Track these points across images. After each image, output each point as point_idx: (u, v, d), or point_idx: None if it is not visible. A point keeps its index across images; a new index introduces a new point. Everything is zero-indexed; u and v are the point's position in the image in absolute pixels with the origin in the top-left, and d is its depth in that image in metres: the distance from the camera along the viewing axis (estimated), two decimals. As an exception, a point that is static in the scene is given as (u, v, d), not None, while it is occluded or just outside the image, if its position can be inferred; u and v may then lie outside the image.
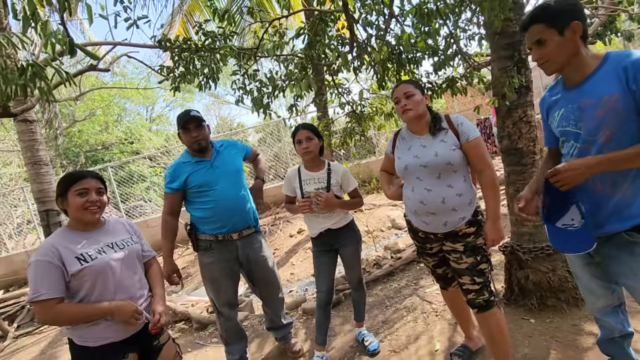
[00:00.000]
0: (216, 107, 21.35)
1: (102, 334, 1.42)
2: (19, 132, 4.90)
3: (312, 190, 2.16)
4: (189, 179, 2.15)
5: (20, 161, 11.24)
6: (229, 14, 2.33)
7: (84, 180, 1.47)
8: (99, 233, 1.53)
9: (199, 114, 2.20)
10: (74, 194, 1.45)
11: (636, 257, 1.22)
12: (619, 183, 1.21)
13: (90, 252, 1.44)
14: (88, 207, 1.46)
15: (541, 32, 1.22)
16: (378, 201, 6.70)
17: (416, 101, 1.69)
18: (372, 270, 3.74)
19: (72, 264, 1.38)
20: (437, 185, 1.67)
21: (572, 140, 1.30)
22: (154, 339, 1.59)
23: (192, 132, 2.15)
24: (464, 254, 1.69)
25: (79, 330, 1.42)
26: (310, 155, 2.17)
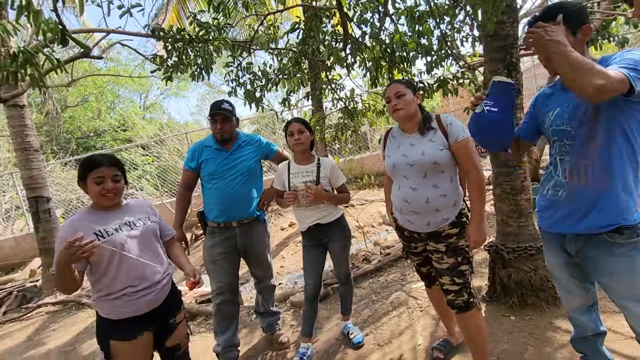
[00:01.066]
0: (211, 97, 21.13)
1: (121, 308, 1.53)
2: (9, 117, 4.83)
3: (300, 182, 2.18)
4: (203, 164, 2.30)
5: (9, 146, 11.04)
6: (224, 5, 2.32)
7: (100, 169, 1.55)
8: (118, 212, 1.63)
9: (230, 107, 2.30)
10: (92, 181, 1.55)
11: (615, 257, 1.27)
12: (597, 176, 1.25)
13: (108, 229, 1.54)
14: (104, 194, 1.56)
15: None
16: (370, 197, 6.75)
17: (406, 101, 1.71)
18: (361, 265, 3.79)
19: None
20: (422, 185, 1.69)
21: (565, 139, 1.34)
22: (170, 317, 1.68)
23: (218, 124, 2.27)
24: (445, 254, 1.72)
25: (102, 303, 1.54)
26: (302, 147, 2.20)
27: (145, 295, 1.57)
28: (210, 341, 2.89)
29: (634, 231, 1.25)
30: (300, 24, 2.43)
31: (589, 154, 1.27)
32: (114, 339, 1.54)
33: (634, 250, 1.25)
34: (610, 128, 1.22)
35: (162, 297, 1.64)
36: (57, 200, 8.66)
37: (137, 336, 1.56)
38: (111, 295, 1.53)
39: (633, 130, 1.21)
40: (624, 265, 1.26)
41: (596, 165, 1.26)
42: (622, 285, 1.29)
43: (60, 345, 3.50)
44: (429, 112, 1.79)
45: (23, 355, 3.44)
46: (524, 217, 2.39)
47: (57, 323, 4.09)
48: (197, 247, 6.08)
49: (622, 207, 1.24)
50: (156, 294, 1.61)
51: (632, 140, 1.22)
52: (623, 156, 1.23)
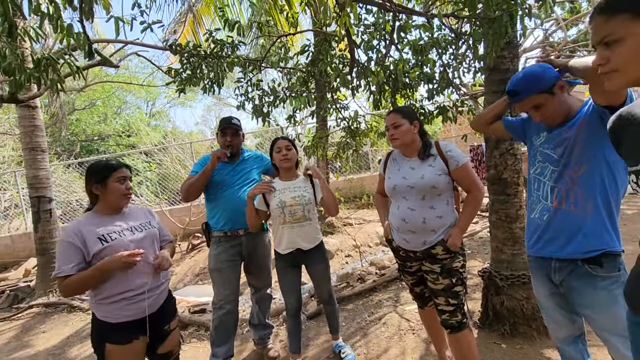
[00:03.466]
0: (217, 108, 21.50)
1: (119, 312, 1.56)
2: (20, 116, 4.93)
3: (289, 198, 2.19)
4: (213, 173, 2.37)
5: (15, 144, 11.16)
6: (239, 25, 2.44)
7: (122, 169, 1.65)
8: (121, 217, 1.68)
9: (238, 123, 2.43)
10: (115, 181, 1.62)
11: (597, 290, 1.31)
12: (582, 202, 1.32)
13: (111, 233, 1.59)
14: (126, 194, 1.64)
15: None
16: (368, 217, 6.79)
17: (402, 131, 1.81)
18: (356, 284, 3.80)
19: (94, 244, 1.53)
20: (420, 206, 1.78)
21: (551, 165, 1.41)
22: (164, 324, 1.71)
23: (227, 137, 2.39)
24: (440, 275, 1.78)
25: (101, 306, 1.57)
26: (289, 164, 2.26)
27: (144, 300, 1.60)
28: (201, 351, 2.88)
29: (614, 265, 1.30)
30: (310, 46, 2.55)
31: (573, 180, 1.34)
32: (109, 342, 1.56)
33: (615, 284, 1.29)
34: (595, 157, 1.29)
35: (159, 303, 1.68)
36: (56, 201, 8.70)
37: (133, 340, 1.58)
38: (111, 299, 1.55)
39: (616, 162, 1.28)
40: (605, 299, 1.30)
41: (580, 192, 1.32)
42: (604, 319, 1.32)
43: (49, 347, 3.47)
44: (429, 140, 1.88)
45: (10, 356, 3.40)
46: (518, 245, 2.43)
47: (48, 325, 4.06)
48: (193, 257, 6.07)
49: (606, 234, 1.30)
50: (154, 299, 1.65)
51: (615, 172, 1.29)
52: (606, 185, 1.29)
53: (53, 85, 2.02)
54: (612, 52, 0.82)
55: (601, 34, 0.84)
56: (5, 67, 1.64)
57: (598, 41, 0.86)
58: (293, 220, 2.20)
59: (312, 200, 2.24)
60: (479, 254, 4.36)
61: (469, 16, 1.99)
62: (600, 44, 0.85)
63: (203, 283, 5.10)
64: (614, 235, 1.31)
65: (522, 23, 2.14)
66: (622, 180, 1.30)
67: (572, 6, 5.09)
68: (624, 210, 5.24)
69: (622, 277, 1.30)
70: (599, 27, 0.85)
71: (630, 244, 3.87)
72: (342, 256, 5.35)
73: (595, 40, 0.87)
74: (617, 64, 0.82)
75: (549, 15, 4.02)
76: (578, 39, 4.79)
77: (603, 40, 0.84)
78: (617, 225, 1.32)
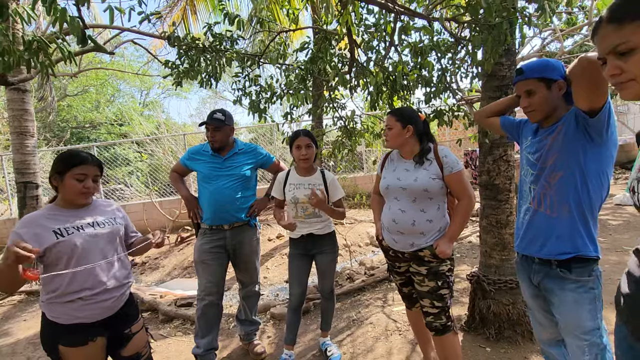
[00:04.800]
0: (212, 102, 21.28)
1: (73, 312, 1.44)
2: (9, 100, 4.81)
3: (302, 195, 2.22)
4: (199, 166, 2.42)
5: (3, 128, 10.90)
6: (239, 19, 2.41)
7: (86, 166, 1.49)
8: (83, 211, 1.56)
9: (222, 117, 2.37)
10: (72, 177, 1.48)
11: (565, 292, 1.37)
12: (556, 206, 1.38)
13: (68, 227, 1.46)
14: (84, 193, 1.50)
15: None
16: (360, 216, 6.80)
17: (392, 134, 1.84)
18: (345, 283, 3.81)
19: (47, 238, 1.41)
20: (411, 208, 1.79)
21: (532, 169, 1.47)
22: (125, 327, 1.62)
23: (210, 132, 2.36)
24: (426, 277, 1.79)
25: (52, 306, 1.45)
26: (308, 163, 2.26)
27: (101, 301, 1.49)
28: (185, 345, 2.86)
29: (585, 270, 1.34)
30: (310, 44, 2.53)
31: (550, 185, 1.40)
32: (62, 344, 1.44)
33: (582, 288, 1.34)
34: (569, 165, 1.34)
35: (118, 306, 1.57)
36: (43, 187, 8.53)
37: (89, 342, 1.47)
38: (65, 298, 1.44)
39: (590, 171, 1.33)
40: (571, 301, 1.35)
41: (556, 196, 1.38)
42: (567, 320, 1.38)
43: (29, 336, 3.40)
44: (427, 144, 1.87)
45: (-11, 343, 3.33)
46: (507, 251, 2.46)
47: (29, 313, 3.98)
48: (182, 250, 6.02)
49: (579, 238, 1.35)
50: (113, 301, 1.54)
51: (588, 180, 1.33)
52: (579, 192, 1.34)
53: (43, 69, 1.97)
54: (627, 61, 0.79)
55: (612, 43, 0.80)
56: (-5, 48, 1.59)
57: (608, 50, 0.82)
58: (305, 215, 2.26)
59: (325, 199, 2.23)
60: (468, 258, 4.40)
61: (470, 21, 1.99)
62: (611, 54, 0.81)
63: (191, 277, 5.06)
64: (587, 241, 1.35)
65: (522, 31, 2.16)
66: (594, 189, 1.34)
67: (568, 17, 5.16)
68: (609, 220, 5.34)
69: (592, 283, 1.35)
70: (609, 36, 0.81)
71: (615, 254, 3.95)
72: (332, 255, 5.35)
73: (604, 49, 0.83)
74: (636, 73, 0.78)
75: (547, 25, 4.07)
76: (573, 50, 4.86)
77: (615, 50, 0.80)
78: (592, 232, 1.37)
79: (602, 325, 1.36)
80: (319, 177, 2.30)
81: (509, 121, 1.73)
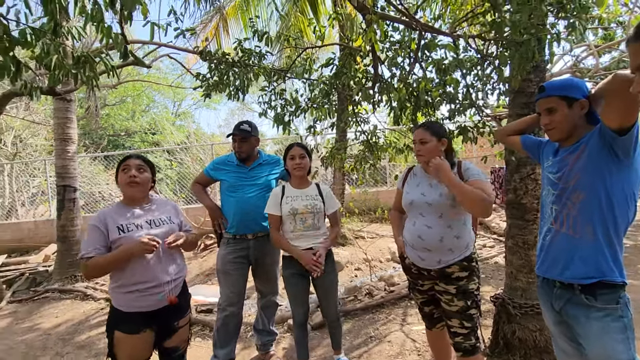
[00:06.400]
0: (240, 113, 21.88)
1: (133, 302, 1.63)
2: (56, 108, 5.19)
3: (301, 205, 2.19)
4: (225, 175, 2.48)
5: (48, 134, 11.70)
6: (267, 35, 2.51)
7: (128, 161, 1.73)
8: (144, 209, 1.74)
9: (248, 128, 2.45)
10: (121, 172, 1.72)
11: (590, 320, 1.30)
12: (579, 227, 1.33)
13: (129, 224, 1.66)
14: (128, 182, 1.69)
15: None
16: (381, 231, 6.72)
17: (428, 148, 1.79)
18: (364, 298, 3.76)
19: (113, 232, 1.62)
20: (437, 225, 1.75)
21: (554, 189, 1.43)
22: (175, 319, 1.74)
23: (237, 143, 2.44)
24: (455, 296, 1.74)
25: (116, 294, 1.65)
26: (302, 172, 2.26)
27: (154, 294, 1.65)
28: (203, 351, 2.90)
29: (612, 297, 1.27)
30: (335, 59, 2.60)
31: (572, 205, 1.35)
32: (119, 330, 1.63)
33: (610, 316, 1.27)
34: (593, 186, 1.30)
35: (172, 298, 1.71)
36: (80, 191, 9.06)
37: (140, 332, 1.63)
38: (125, 288, 1.63)
39: (616, 193, 1.27)
40: (597, 330, 1.28)
41: (579, 217, 1.33)
42: (594, 351, 1.30)
43: (60, 332, 3.58)
44: (454, 159, 1.85)
45: (23, 336, 3.53)
46: (534, 274, 2.34)
47: (61, 310, 4.19)
48: (205, 257, 6.15)
49: (604, 262, 1.28)
50: (165, 294, 1.68)
51: (614, 202, 1.28)
52: (604, 214, 1.29)
53: (89, 82, 2.14)
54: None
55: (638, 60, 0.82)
56: (47, 62, 1.75)
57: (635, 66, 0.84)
58: (304, 228, 2.21)
59: (322, 209, 2.26)
60: (493, 279, 4.23)
61: (496, 39, 1.98)
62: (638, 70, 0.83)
63: (212, 283, 5.15)
64: (613, 265, 1.29)
65: (551, 48, 2.12)
66: (620, 210, 1.29)
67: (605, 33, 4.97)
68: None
69: (621, 311, 1.27)
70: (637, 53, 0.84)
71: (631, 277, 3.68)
72: (351, 269, 5.30)
73: (633, 65, 0.85)
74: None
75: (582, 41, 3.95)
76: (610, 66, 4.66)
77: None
78: (618, 255, 1.30)
79: (637, 358, 1.28)
80: (315, 189, 2.30)
81: (530, 140, 1.70)
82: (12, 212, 9.03)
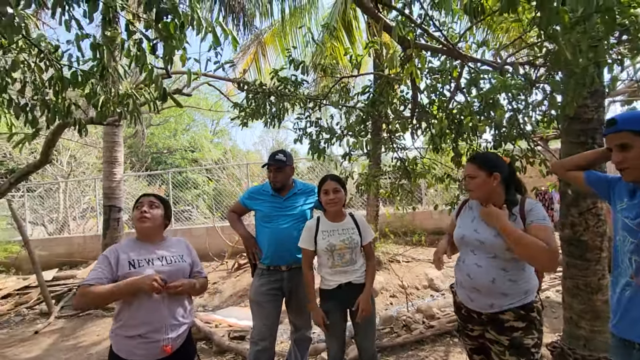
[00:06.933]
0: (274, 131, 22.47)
1: (134, 349, 1.54)
2: (105, 133, 5.56)
3: (338, 241, 2.11)
4: (260, 205, 2.46)
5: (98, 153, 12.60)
6: (303, 64, 2.52)
7: (143, 198, 1.75)
8: (155, 246, 1.72)
9: (284, 158, 2.42)
10: (135, 208, 1.73)
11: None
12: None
13: (140, 260, 1.63)
14: (139, 218, 1.69)
15: None
16: (418, 255, 6.44)
17: (477, 183, 1.64)
18: (401, 332, 3.55)
19: (123, 266, 1.60)
20: (489, 265, 1.58)
21: (631, 237, 1.25)
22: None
23: (272, 173, 2.41)
24: (508, 350, 1.55)
25: (117, 339, 1.58)
26: (336, 208, 2.16)
27: (157, 340, 1.56)
28: (234, 384, 2.84)
29: None
30: (371, 87, 2.54)
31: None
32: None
33: None
34: None
35: (177, 344, 1.63)
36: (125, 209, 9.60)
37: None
38: (127, 331, 1.54)
39: None
40: None
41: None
42: None
43: (100, 351, 3.69)
44: (515, 196, 1.65)
45: (67, 354, 3.67)
46: (600, 321, 2.09)
47: (102, 328, 4.34)
48: (238, 277, 6.19)
49: None
50: (172, 340, 1.59)
51: None
52: None
53: (132, 116, 2.24)
54: None
55: None
56: (94, 102, 1.84)
57: None
58: (342, 263, 2.13)
59: (359, 242, 2.15)
60: (547, 317, 3.84)
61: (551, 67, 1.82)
62: None
63: (246, 305, 5.14)
64: None
65: (611, 71, 1.92)
66: None
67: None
68: None
69: None
70: None
71: None
72: (386, 296, 5.08)
73: None
74: None
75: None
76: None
77: None
78: None
79: None
80: (350, 221, 2.19)
81: (597, 177, 1.50)
82: (65, 227, 9.71)
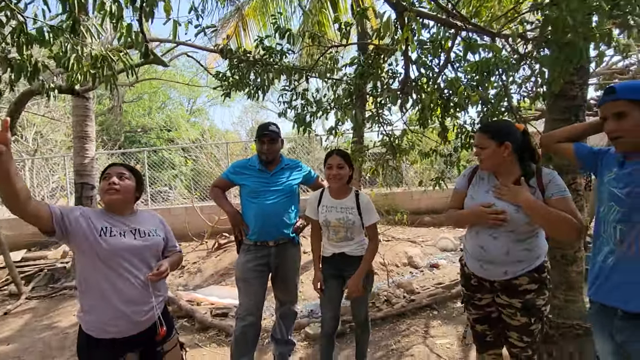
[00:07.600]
0: (254, 111, 21.93)
1: (106, 326, 1.45)
2: (74, 106, 5.21)
3: (333, 219, 2.12)
4: (246, 180, 2.38)
5: (67, 130, 11.93)
6: (290, 33, 2.40)
7: (110, 169, 1.60)
8: (127, 219, 1.60)
9: (277, 130, 2.36)
10: (103, 179, 1.59)
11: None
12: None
13: (113, 229, 1.52)
14: (107, 190, 1.55)
15: None
16: (399, 234, 6.56)
17: (487, 154, 1.59)
18: (382, 306, 3.63)
19: (97, 229, 1.48)
20: (504, 236, 1.56)
21: (618, 206, 1.27)
22: (158, 345, 1.59)
23: (264, 145, 2.33)
24: (519, 311, 1.59)
25: (87, 316, 1.47)
26: (339, 183, 2.14)
27: (133, 316, 1.48)
28: (219, 358, 2.84)
29: None
30: (360, 59, 2.47)
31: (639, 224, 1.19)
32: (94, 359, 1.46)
33: None
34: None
35: (150, 321, 1.55)
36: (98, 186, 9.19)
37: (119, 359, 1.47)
38: (98, 308, 1.45)
39: None
40: None
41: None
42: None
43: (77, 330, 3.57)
44: (530, 166, 1.60)
45: (41, 334, 3.54)
46: (574, 292, 2.20)
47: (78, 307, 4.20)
48: (219, 256, 6.12)
49: None
50: (144, 316, 1.52)
51: None
52: None
53: (107, 81, 2.08)
54: None
55: None
56: (64, 62, 1.68)
57: None
58: (336, 239, 2.17)
59: (357, 223, 2.13)
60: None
61: (539, 38, 1.82)
62: None
63: (227, 284, 5.11)
64: None
65: (598, 48, 1.94)
66: None
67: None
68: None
69: None
70: None
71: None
72: (367, 273, 5.18)
73: None
74: None
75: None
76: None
77: None
78: None
79: None
80: (353, 199, 2.16)
81: (586, 149, 1.50)
82: (32, 207, 9.21)
